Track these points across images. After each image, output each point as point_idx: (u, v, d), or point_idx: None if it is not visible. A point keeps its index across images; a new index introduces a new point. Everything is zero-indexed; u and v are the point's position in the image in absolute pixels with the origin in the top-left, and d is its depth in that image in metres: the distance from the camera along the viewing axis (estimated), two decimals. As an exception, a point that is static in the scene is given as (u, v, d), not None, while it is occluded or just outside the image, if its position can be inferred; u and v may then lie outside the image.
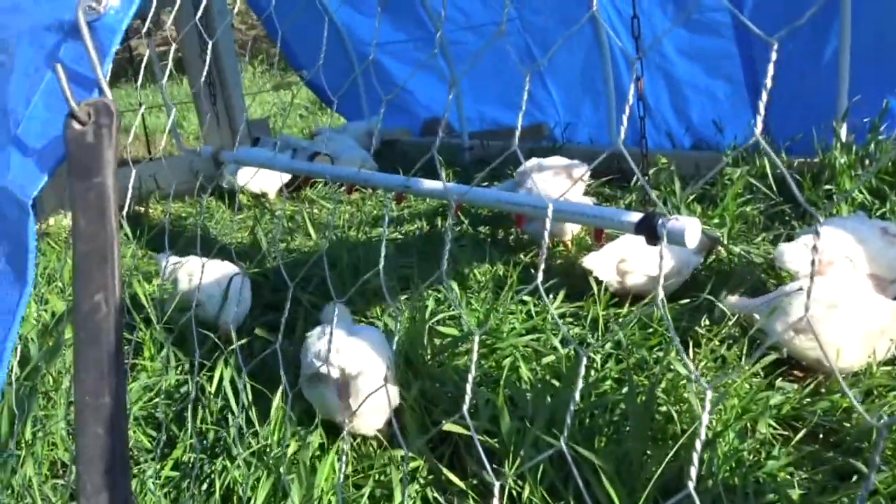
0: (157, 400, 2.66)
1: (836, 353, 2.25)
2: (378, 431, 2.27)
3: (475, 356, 0.69)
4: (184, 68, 6.55)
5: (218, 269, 3.07)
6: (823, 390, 2.31)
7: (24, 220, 0.99)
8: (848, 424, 2.13)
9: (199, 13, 1.41)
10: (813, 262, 0.70)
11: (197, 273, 2.91)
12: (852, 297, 2.35)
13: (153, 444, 2.43)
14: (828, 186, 3.91)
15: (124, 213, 1.08)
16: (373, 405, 2.15)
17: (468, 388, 0.69)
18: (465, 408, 0.66)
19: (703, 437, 0.54)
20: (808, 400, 2.24)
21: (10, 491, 2.07)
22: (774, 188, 4.06)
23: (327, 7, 6.67)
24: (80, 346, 0.89)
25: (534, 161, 4.07)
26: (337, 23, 6.88)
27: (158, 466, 2.27)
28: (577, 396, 2.17)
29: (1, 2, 1.07)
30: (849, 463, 1.94)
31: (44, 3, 1.02)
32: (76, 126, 0.94)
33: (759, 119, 0.62)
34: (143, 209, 5.52)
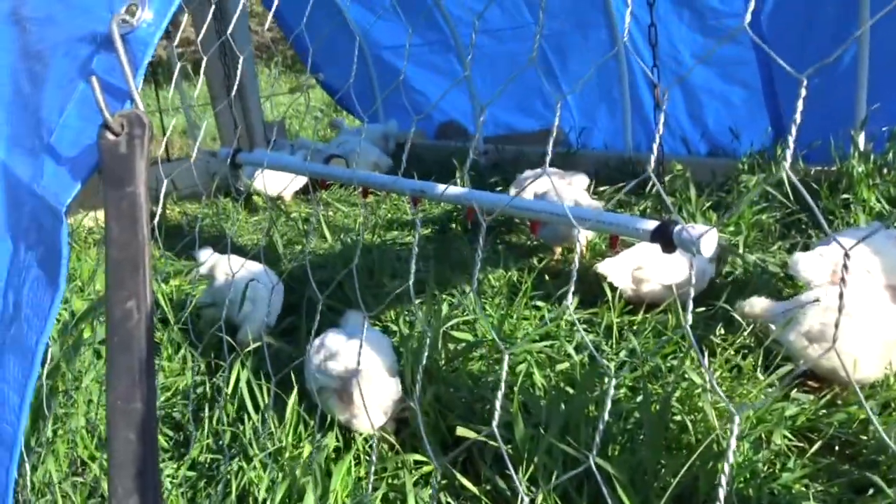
0: (174, 400, 2.69)
1: (852, 364, 2.24)
2: (382, 430, 2.29)
3: (504, 374, 0.70)
4: (199, 69, 6.61)
5: (255, 273, 3.04)
6: (840, 402, 2.30)
7: (58, 228, 1.02)
8: (864, 437, 2.13)
9: (229, 30, 1.44)
10: (843, 279, 0.71)
11: (235, 271, 2.91)
12: (869, 307, 2.34)
13: (170, 443, 2.46)
14: (845, 195, 3.89)
15: (155, 221, 1.11)
16: (372, 403, 2.18)
17: (497, 404, 0.70)
18: (495, 423, 0.67)
19: (730, 459, 0.55)
20: (824, 411, 2.23)
21: (31, 488, 2.10)
22: (791, 196, 4.04)
23: (348, 17, 6.71)
24: (113, 352, 0.91)
25: (533, 171, 4.23)
26: (357, 32, 6.91)
27: (175, 466, 2.30)
28: (593, 406, 2.18)
29: (37, 14, 1.10)
30: (865, 476, 1.93)
31: (78, 16, 1.05)
32: (110, 136, 0.97)
33: (789, 153, 0.63)
34: (160, 210, 5.58)
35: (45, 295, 1.04)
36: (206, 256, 3.18)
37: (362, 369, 2.20)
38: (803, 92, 0.57)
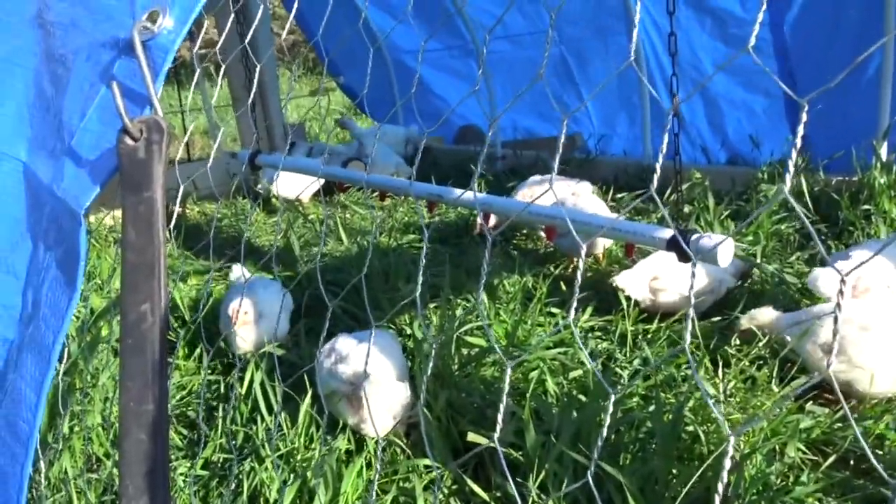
0: (189, 399, 2.72)
1: (869, 378, 2.22)
2: (393, 434, 2.30)
3: (507, 386, 0.70)
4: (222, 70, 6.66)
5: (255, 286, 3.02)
6: (856, 415, 2.27)
7: (76, 230, 1.04)
8: (880, 452, 2.10)
9: (248, 36, 1.46)
10: (841, 292, 0.70)
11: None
12: (887, 321, 2.31)
13: (184, 442, 2.48)
14: (866, 206, 3.85)
15: (171, 224, 1.13)
16: (381, 408, 2.18)
17: (499, 416, 0.70)
18: (497, 436, 0.68)
19: (724, 479, 0.55)
20: (839, 425, 2.21)
21: (47, 483, 2.14)
22: (810, 206, 4.00)
23: (368, 20, 6.74)
24: (126, 354, 0.93)
25: (537, 177, 4.24)
26: (374, 37, 6.94)
27: (189, 465, 2.32)
28: (605, 432, 2.17)
29: (61, 19, 1.12)
30: (880, 491, 1.91)
31: (101, 21, 1.07)
32: (129, 142, 0.99)
33: (789, 177, 0.62)
34: (180, 210, 5.64)
35: (63, 295, 1.06)
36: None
37: (371, 374, 2.21)
38: (804, 117, 0.57)
